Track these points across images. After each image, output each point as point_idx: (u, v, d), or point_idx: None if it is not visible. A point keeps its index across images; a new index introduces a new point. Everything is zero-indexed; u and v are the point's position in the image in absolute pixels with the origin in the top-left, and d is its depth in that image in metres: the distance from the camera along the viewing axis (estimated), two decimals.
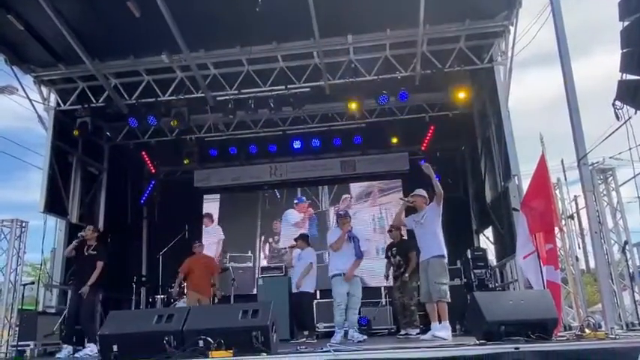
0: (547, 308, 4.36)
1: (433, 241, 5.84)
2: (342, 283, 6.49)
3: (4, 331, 7.60)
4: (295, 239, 8.12)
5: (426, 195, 6.08)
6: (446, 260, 5.87)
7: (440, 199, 5.82)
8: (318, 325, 9.27)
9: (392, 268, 7.64)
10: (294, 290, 7.67)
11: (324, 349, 4.01)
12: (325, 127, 10.49)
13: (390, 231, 8.07)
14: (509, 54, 7.88)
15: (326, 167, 11.46)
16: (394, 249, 7.63)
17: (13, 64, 8.12)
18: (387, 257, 7.83)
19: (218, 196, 11.75)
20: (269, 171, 11.56)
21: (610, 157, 7.27)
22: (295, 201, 11.49)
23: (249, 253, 11.07)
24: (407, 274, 7.20)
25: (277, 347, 4.18)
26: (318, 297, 10.21)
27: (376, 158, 11.32)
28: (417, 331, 7.03)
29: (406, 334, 7.15)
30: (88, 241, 6.74)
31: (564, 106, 5.48)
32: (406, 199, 6.23)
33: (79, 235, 6.81)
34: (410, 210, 6.23)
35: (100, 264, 6.61)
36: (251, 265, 10.76)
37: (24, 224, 8.03)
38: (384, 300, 9.72)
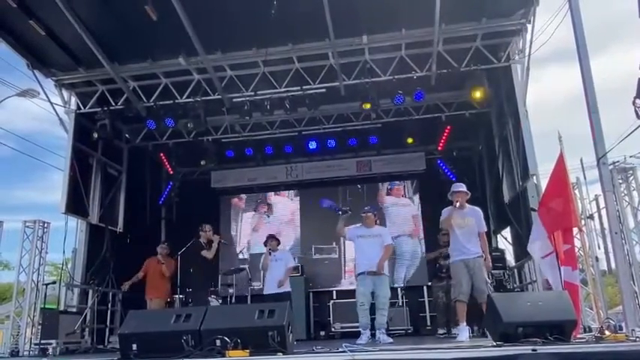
0: (565, 310, 4.31)
1: (476, 241, 5.84)
2: (364, 282, 6.39)
3: (28, 329, 7.78)
4: (265, 243, 8.00)
5: (466, 189, 5.99)
6: None
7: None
8: (334, 325, 9.30)
9: (441, 269, 7.74)
10: (271, 291, 7.54)
11: (340, 350, 4.02)
12: (341, 127, 10.47)
13: (444, 234, 8.06)
14: (527, 52, 7.77)
15: (342, 167, 11.46)
16: (444, 251, 7.63)
17: (34, 68, 8.31)
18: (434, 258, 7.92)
19: (297, 190, 11.80)
20: (285, 171, 11.61)
21: (631, 156, 7.13)
22: (389, 186, 11.44)
23: (334, 245, 11.06)
24: None
25: (293, 347, 4.21)
26: (334, 297, 10.28)
27: (392, 158, 11.28)
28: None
29: (449, 333, 7.24)
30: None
31: (583, 103, 5.39)
32: (454, 204, 5.91)
33: (216, 237, 7.90)
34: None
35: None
36: (336, 256, 10.85)
37: (46, 225, 8.22)
38: (400, 300, 9.70)
